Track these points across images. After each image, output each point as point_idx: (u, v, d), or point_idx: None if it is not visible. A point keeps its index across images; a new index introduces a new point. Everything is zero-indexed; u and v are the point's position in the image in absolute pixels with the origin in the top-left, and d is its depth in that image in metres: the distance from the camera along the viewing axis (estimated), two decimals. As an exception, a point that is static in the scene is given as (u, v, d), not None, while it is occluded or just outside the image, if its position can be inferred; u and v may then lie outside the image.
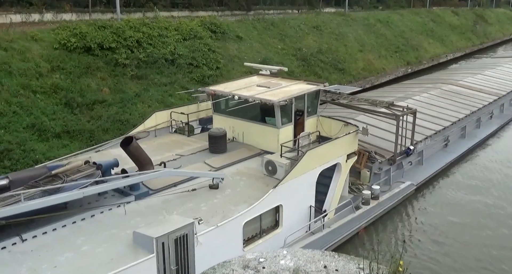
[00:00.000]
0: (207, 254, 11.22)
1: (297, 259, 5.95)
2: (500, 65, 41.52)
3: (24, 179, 11.69)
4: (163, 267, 10.60)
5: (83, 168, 12.47)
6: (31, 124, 19.75)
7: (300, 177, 14.32)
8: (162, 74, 26.49)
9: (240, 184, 14.09)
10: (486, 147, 26.42)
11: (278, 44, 37.03)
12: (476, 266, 15.39)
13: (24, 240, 10.70)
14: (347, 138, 16.40)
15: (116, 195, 12.86)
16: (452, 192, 20.58)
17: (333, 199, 16.24)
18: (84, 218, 11.70)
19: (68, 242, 10.85)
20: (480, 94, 30.87)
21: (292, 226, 14.24)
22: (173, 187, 13.46)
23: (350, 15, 50.06)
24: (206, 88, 17.99)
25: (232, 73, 30.28)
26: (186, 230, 10.94)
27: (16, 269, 9.79)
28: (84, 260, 10.19)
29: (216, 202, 12.99)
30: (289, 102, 16.02)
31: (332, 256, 6.07)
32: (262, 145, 16.43)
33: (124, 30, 26.50)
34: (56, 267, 9.92)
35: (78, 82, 22.84)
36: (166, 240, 10.54)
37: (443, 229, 17.40)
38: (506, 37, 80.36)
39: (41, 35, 24.38)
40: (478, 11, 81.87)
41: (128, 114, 22.85)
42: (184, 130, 18.23)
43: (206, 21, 33.07)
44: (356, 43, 44.25)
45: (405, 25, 55.09)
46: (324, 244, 14.90)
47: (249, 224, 12.95)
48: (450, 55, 56.57)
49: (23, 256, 10.28)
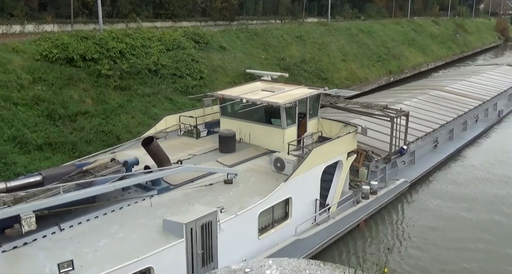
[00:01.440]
0: (227, 240, 12.73)
1: (282, 269, 5.92)
2: (483, 72, 43.34)
3: (55, 175, 12.70)
4: (191, 251, 11.92)
5: (110, 165, 13.64)
6: (12, 136, 19.47)
7: (307, 173, 15.63)
8: (146, 85, 26.38)
9: (251, 180, 15.28)
10: (472, 148, 28.32)
11: (262, 54, 37.19)
12: (459, 255, 16.83)
13: (62, 230, 11.71)
14: (348, 137, 17.79)
15: (138, 190, 13.93)
16: (441, 188, 22.42)
17: (336, 193, 17.59)
18: (113, 210, 12.79)
19: (102, 230, 11.91)
20: (466, 99, 32.49)
21: (300, 217, 15.56)
22: (190, 183, 14.64)
23: (332, 25, 50.55)
24: (215, 93, 19.18)
25: (216, 83, 30.29)
26: (211, 217, 12.28)
27: (60, 254, 10.72)
28: (121, 245, 11.32)
29: (232, 195, 14.14)
30: (293, 104, 17.38)
31: (317, 265, 6.05)
32: (268, 145, 17.67)
33: (107, 41, 26.37)
34: (97, 251, 11.00)
35: (60, 94, 22.62)
36: (194, 226, 11.86)
37: (435, 224, 19.03)
38: (485, 46, 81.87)
39: (22, 46, 24.12)
40: (458, 20, 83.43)
41: (112, 125, 22.68)
42: (193, 133, 19.26)
43: (189, 31, 33.10)
44: (339, 53, 44.65)
45: (386, 34, 55.79)
46: (329, 234, 16.49)
47: (263, 214, 14.22)
48: (431, 64, 57.40)
49: (63, 243, 11.31)
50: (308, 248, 15.69)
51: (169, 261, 11.45)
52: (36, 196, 11.67)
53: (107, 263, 10.57)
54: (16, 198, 11.55)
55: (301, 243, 15.27)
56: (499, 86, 37.81)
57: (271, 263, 6.14)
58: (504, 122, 34.56)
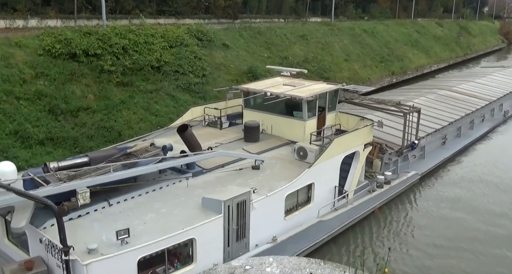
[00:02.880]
0: (258, 219, 13.90)
1: (283, 267, 5.90)
2: (489, 74, 44.49)
3: (100, 158, 13.92)
4: (228, 226, 13.12)
5: (150, 149, 14.95)
6: (14, 131, 19.48)
7: (328, 161, 16.78)
8: (148, 81, 26.37)
9: (277, 166, 16.48)
10: (479, 145, 29.59)
11: (265, 52, 37.16)
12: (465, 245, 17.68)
13: (110, 205, 12.96)
14: (365, 130, 18.98)
15: (174, 173, 15.15)
16: (450, 181, 23.73)
17: (353, 182, 18.70)
18: (154, 190, 14.04)
19: (147, 206, 13.16)
20: (473, 99, 33.66)
21: (321, 202, 16.72)
22: (221, 167, 15.92)
23: (336, 24, 50.48)
24: (240, 86, 20.47)
25: (218, 80, 30.28)
26: (245, 196, 13.48)
27: (113, 225, 11.88)
28: (166, 219, 12.54)
29: (260, 179, 15.33)
30: (314, 98, 18.43)
31: (318, 263, 6.03)
32: (289, 135, 18.75)
33: (110, 36, 26.36)
34: (146, 224, 12.23)
35: (62, 89, 22.62)
36: (231, 203, 13.05)
37: (442, 212, 20.35)
38: (488, 49, 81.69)
39: (25, 41, 24.13)
40: (461, 23, 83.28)
41: (113, 121, 22.67)
42: (216, 124, 20.48)
43: (192, 28, 33.07)
44: (342, 53, 44.60)
45: (390, 35, 55.71)
46: (348, 218, 17.67)
47: (289, 198, 15.32)
48: (434, 65, 57.29)
49: (114, 216, 12.53)
50: (329, 230, 16.81)
51: (209, 234, 12.67)
52: (88, 174, 12.88)
53: (156, 233, 11.73)
54: (70, 175, 12.80)
55: (323, 224, 16.39)
56: (505, 88, 38.88)
57: (272, 261, 6.12)
58: (510, 122, 35.59)
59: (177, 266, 12.34)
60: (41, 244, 11.53)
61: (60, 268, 11.05)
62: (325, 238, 16.77)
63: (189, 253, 12.51)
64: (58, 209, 10.84)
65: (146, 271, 11.69)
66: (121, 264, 11.08)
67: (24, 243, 12.61)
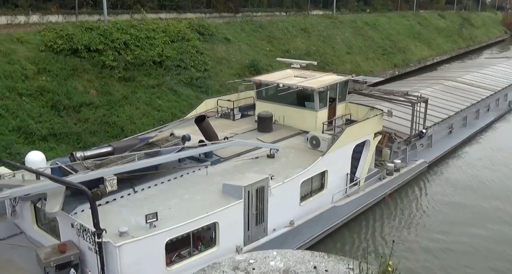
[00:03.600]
0: (275, 204, 14.51)
1: (286, 260, 5.91)
2: (494, 64, 44.93)
3: (123, 147, 14.57)
4: (248, 211, 13.78)
5: (170, 139, 15.58)
6: (17, 127, 19.52)
7: (340, 149, 17.33)
8: (150, 76, 26.36)
9: (291, 155, 17.07)
10: (484, 135, 30.45)
11: (266, 46, 37.07)
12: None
13: (135, 192, 13.63)
14: (375, 119, 19.57)
15: (192, 162, 15.76)
16: (457, 169, 24.56)
17: (363, 169, 19.28)
18: (175, 177, 14.71)
19: (170, 192, 13.83)
20: (478, 89, 34.29)
21: (333, 188, 17.31)
22: (237, 156, 16.52)
23: (337, 17, 50.28)
24: (253, 78, 21.15)
25: (220, 75, 30.24)
26: (264, 183, 14.11)
27: (139, 210, 12.54)
28: (190, 204, 13.21)
29: (276, 167, 15.91)
30: (326, 89, 19.02)
31: (321, 256, 6.04)
32: (301, 125, 19.36)
33: (112, 32, 26.33)
34: (170, 209, 12.85)
35: (64, 85, 22.63)
36: (250, 189, 13.70)
37: (450, 199, 21.13)
38: (491, 40, 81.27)
39: (27, 37, 24.12)
40: (464, 14, 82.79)
41: (116, 117, 22.69)
42: (229, 115, 21.16)
43: (194, 23, 33.00)
44: (344, 46, 44.46)
45: (392, 28, 55.47)
46: (360, 204, 18.41)
47: (304, 184, 15.89)
48: (437, 57, 57.05)
49: (140, 202, 13.22)
50: (342, 215, 17.51)
51: (230, 219, 13.36)
52: (113, 163, 13.58)
53: (181, 217, 12.38)
54: (97, 164, 13.45)
55: (337, 210, 17.10)
56: (509, 78, 39.45)
57: (275, 255, 6.13)
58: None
59: (201, 248, 13.01)
60: (73, 228, 12.13)
61: (92, 251, 11.65)
62: (339, 223, 17.43)
63: (212, 236, 13.19)
64: (92, 194, 11.57)
65: (172, 254, 12.42)
66: (150, 246, 11.74)
67: (53, 229, 13.31)
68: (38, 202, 13.15)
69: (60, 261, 11.74)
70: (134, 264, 11.58)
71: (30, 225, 13.98)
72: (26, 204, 13.75)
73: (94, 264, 11.64)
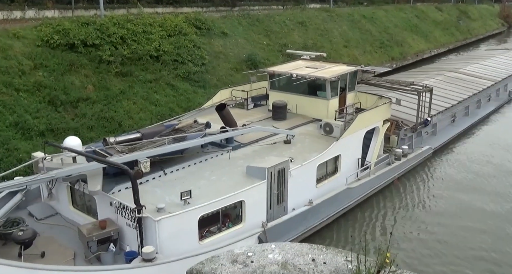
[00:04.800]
0: (294, 185, 15.63)
1: (285, 253, 5.94)
2: (494, 56, 45.91)
3: (151, 133, 15.54)
4: (270, 191, 14.92)
5: (194, 125, 16.63)
6: (14, 122, 19.49)
7: (352, 135, 18.41)
8: (147, 71, 26.30)
9: (306, 141, 18.12)
10: (485, 123, 31.79)
11: (264, 40, 36.99)
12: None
13: (166, 174, 14.69)
14: (384, 107, 20.68)
15: (214, 147, 16.74)
16: (460, 156, 25.79)
17: (373, 154, 20.40)
18: (201, 161, 15.75)
19: (198, 174, 14.88)
20: (479, 80, 35.46)
21: (346, 172, 18.45)
22: (256, 142, 17.56)
23: (335, 11, 50.15)
24: (267, 69, 22.11)
25: (218, 69, 30.19)
26: (284, 165, 15.25)
27: (171, 189, 13.72)
28: (217, 184, 14.32)
29: (293, 151, 16.89)
30: (337, 78, 19.94)
31: (320, 249, 6.07)
32: (313, 114, 20.33)
33: (108, 26, 26.24)
34: (200, 188, 13.83)
35: (61, 80, 22.57)
36: (273, 170, 14.85)
37: (452, 182, 22.46)
38: (488, 33, 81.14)
39: (23, 32, 24.02)
40: (461, 7, 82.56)
41: (113, 112, 22.66)
42: (243, 105, 22.26)
43: (191, 17, 32.87)
44: (341, 39, 44.39)
45: (389, 21, 55.37)
46: (371, 186, 19.54)
47: (320, 168, 17.02)
48: (434, 50, 57.00)
49: (171, 183, 14.26)
50: (355, 196, 18.60)
51: (255, 197, 14.49)
52: (144, 147, 14.52)
53: (211, 195, 13.48)
54: (130, 148, 14.38)
55: (350, 191, 18.18)
56: (509, 69, 40.46)
57: (274, 247, 6.16)
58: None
59: (229, 224, 14.20)
60: (111, 207, 13.16)
61: (130, 227, 12.77)
62: (352, 204, 18.49)
63: (238, 214, 14.39)
64: (133, 173, 12.64)
65: (203, 229, 13.50)
66: (185, 221, 12.82)
67: (89, 208, 14.49)
68: (76, 183, 14.12)
69: (101, 236, 12.78)
70: (170, 238, 12.58)
71: (66, 205, 15.00)
72: (63, 186, 14.78)
73: (132, 239, 12.71)
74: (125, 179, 13.44)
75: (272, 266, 5.71)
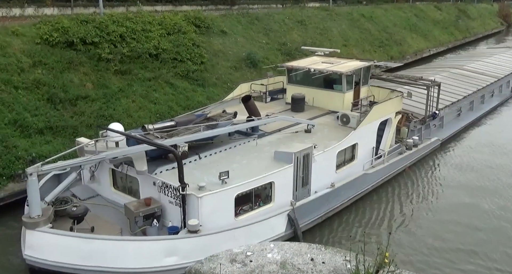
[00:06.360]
0: (317, 170, 16.87)
1: (284, 252, 5.95)
2: (496, 54, 47.13)
3: (184, 121, 16.72)
4: (296, 174, 16.19)
5: (223, 115, 18.03)
6: (13, 120, 19.47)
7: (368, 125, 19.62)
8: (146, 69, 26.28)
9: (324, 130, 19.38)
10: (489, 118, 33.12)
11: (263, 38, 36.98)
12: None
13: (200, 158, 15.98)
14: (396, 100, 21.99)
15: (241, 136, 17.99)
16: (466, 147, 27.11)
17: (386, 144, 21.65)
18: (230, 147, 17.03)
19: (230, 159, 16.17)
20: (482, 76, 36.81)
21: (362, 159, 19.78)
22: (278, 131, 18.91)
23: (334, 9, 50.15)
24: (285, 64, 23.30)
25: (217, 67, 30.18)
26: (309, 151, 16.56)
27: (208, 171, 15.04)
28: (249, 167, 15.67)
29: (313, 140, 18.01)
30: (352, 73, 21.13)
31: (318, 249, 6.08)
32: (330, 106, 21.56)
33: (107, 24, 26.20)
34: (234, 171, 14.78)
35: (60, 78, 22.55)
36: (299, 155, 16.13)
37: (460, 171, 23.80)
38: (487, 32, 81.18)
39: (22, 30, 23.98)
40: (460, 6, 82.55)
41: (112, 110, 22.65)
42: (262, 98, 23.49)
43: (190, 15, 32.83)
44: (340, 38, 44.39)
45: (388, 20, 55.37)
46: (385, 173, 20.91)
47: (339, 155, 18.23)
48: (433, 49, 57.00)
49: (206, 166, 15.53)
50: (371, 182, 19.92)
51: (283, 180, 15.72)
52: (181, 133, 15.70)
53: (244, 176, 14.75)
54: (168, 134, 15.56)
55: (367, 177, 19.52)
56: (511, 66, 41.70)
57: (273, 247, 6.16)
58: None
59: (260, 203, 15.50)
60: (154, 186, 14.45)
61: (173, 204, 14.06)
62: (368, 188, 19.80)
63: (268, 194, 15.64)
64: (180, 153, 14.07)
65: (237, 207, 14.76)
66: (224, 198, 14.09)
67: (129, 189, 15.70)
68: (119, 166, 15.28)
69: (147, 212, 14.01)
70: (210, 214, 13.82)
71: (107, 187, 16.18)
72: (104, 170, 16.10)
73: (174, 215, 14.04)
74: (164, 162, 15.03)
75: (271, 265, 5.73)
